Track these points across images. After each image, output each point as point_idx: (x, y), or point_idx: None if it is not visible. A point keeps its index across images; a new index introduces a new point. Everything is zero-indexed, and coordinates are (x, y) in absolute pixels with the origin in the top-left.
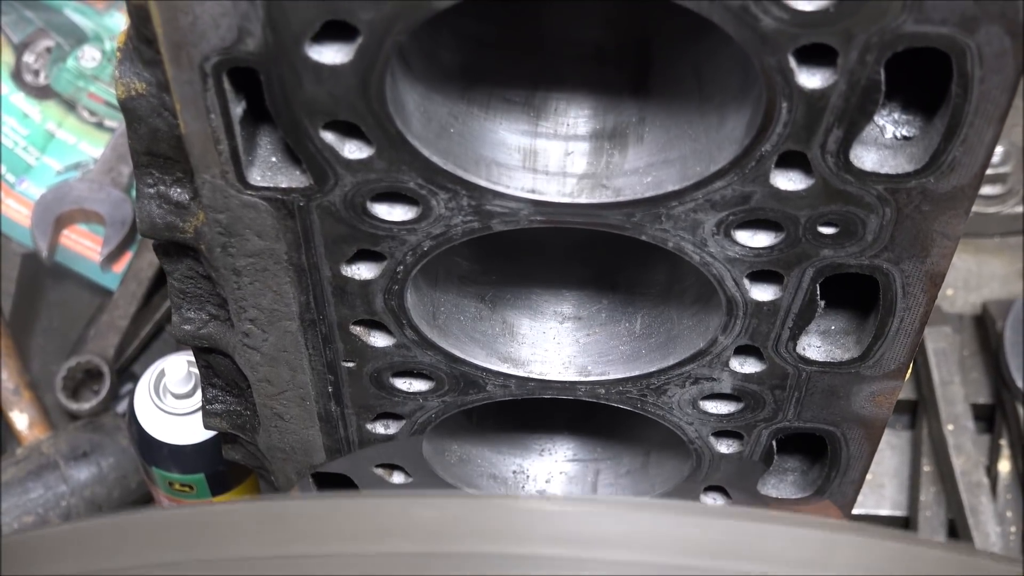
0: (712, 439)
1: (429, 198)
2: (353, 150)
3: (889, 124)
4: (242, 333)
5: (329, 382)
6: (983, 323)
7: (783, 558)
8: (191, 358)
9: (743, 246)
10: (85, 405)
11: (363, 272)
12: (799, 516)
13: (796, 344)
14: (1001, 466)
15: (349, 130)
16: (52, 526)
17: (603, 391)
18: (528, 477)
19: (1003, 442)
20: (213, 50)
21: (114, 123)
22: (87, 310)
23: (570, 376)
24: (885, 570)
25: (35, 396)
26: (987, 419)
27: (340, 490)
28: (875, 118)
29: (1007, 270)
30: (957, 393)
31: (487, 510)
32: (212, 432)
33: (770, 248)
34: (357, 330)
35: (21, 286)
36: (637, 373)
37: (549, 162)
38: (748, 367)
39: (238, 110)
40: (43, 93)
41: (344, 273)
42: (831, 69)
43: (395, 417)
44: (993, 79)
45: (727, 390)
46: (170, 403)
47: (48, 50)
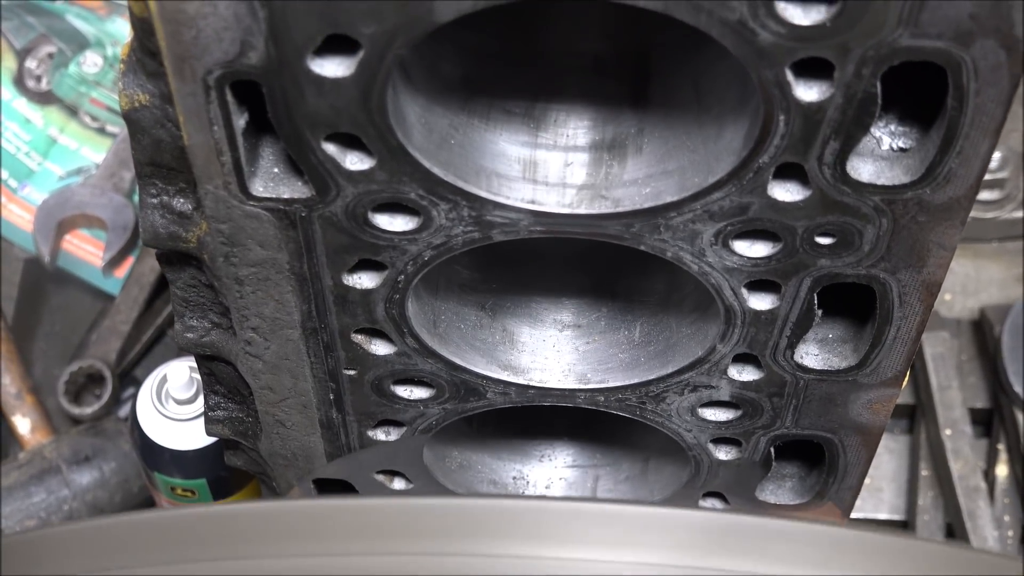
0: (711, 446)
1: (430, 209)
2: (355, 161)
3: (885, 136)
4: (244, 341)
5: (331, 389)
6: (981, 328)
7: (783, 558)
8: (193, 364)
9: (741, 256)
10: (87, 409)
11: (364, 281)
12: (798, 516)
13: (794, 352)
14: (999, 470)
15: (351, 142)
16: (52, 526)
17: (602, 398)
18: (528, 483)
19: (1001, 447)
20: (216, 63)
21: (116, 128)
22: (89, 315)
23: (569, 384)
24: (885, 569)
25: (37, 400)
26: (985, 424)
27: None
28: (871, 130)
29: (1005, 275)
30: (955, 398)
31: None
32: (214, 438)
33: (768, 258)
34: (358, 338)
35: (23, 291)
36: (636, 381)
37: (549, 173)
38: (746, 375)
39: (241, 122)
40: (45, 98)
41: (346, 282)
42: (828, 82)
43: (396, 424)
44: (988, 92)
45: (725, 398)
46: (172, 408)
47: (50, 56)
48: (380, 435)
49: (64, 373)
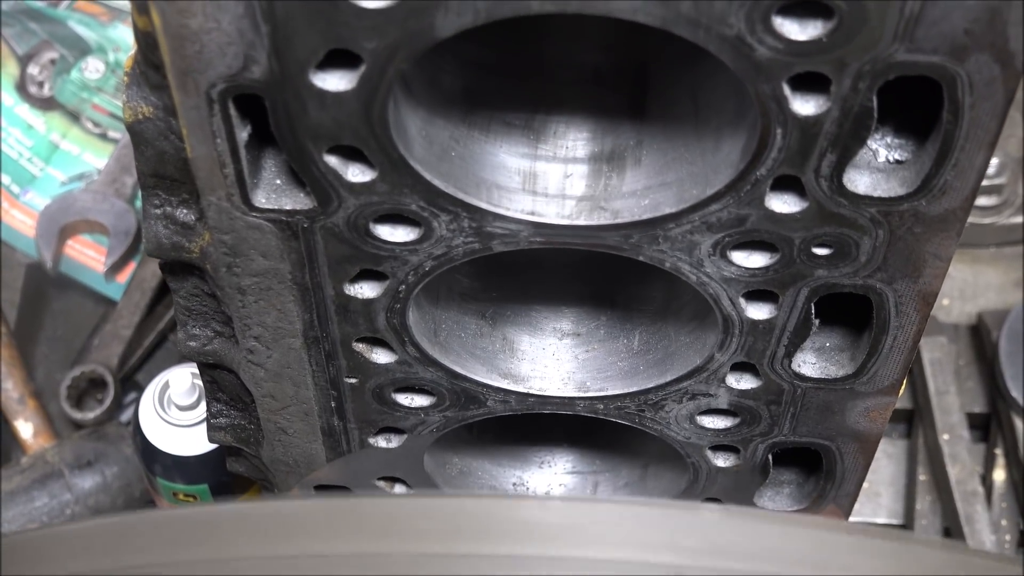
0: (709, 453)
1: (431, 220)
2: (356, 173)
3: (882, 148)
4: (247, 350)
5: (332, 397)
6: (979, 333)
7: (783, 558)
8: (195, 370)
9: (739, 266)
10: (89, 414)
11: (366, 291)
12: (798, 517)
13: (791, 361)
14: (996, 475)
15: (352, 154)
16: (52, 526)
17: (601, 406)
18: (528, 489)
19: (998, 451)
20: (219, 77)
21: (118, 134)
22: (91, 320)
23: (569, 392)
24: (886, 569)
25: (39, 405)
26: (982, 428)
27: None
28: (868, 142)
29: (1003, 280)
30: (953, 403)
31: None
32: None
33: (765, 268)
34: (360, 347)
35: (26, 296)
36: (635, 389)
37: (548, 184)
38: (744, 383)
39: (243, 135)
40: (47, 104)
41: (347, 292)
42: (824, 96)
43: (397, 431)
44: (983, 106)
45: (724, 405)
46: (174, 415)
47: (52, 62)
48: (381, 442)
49: (66, 378)
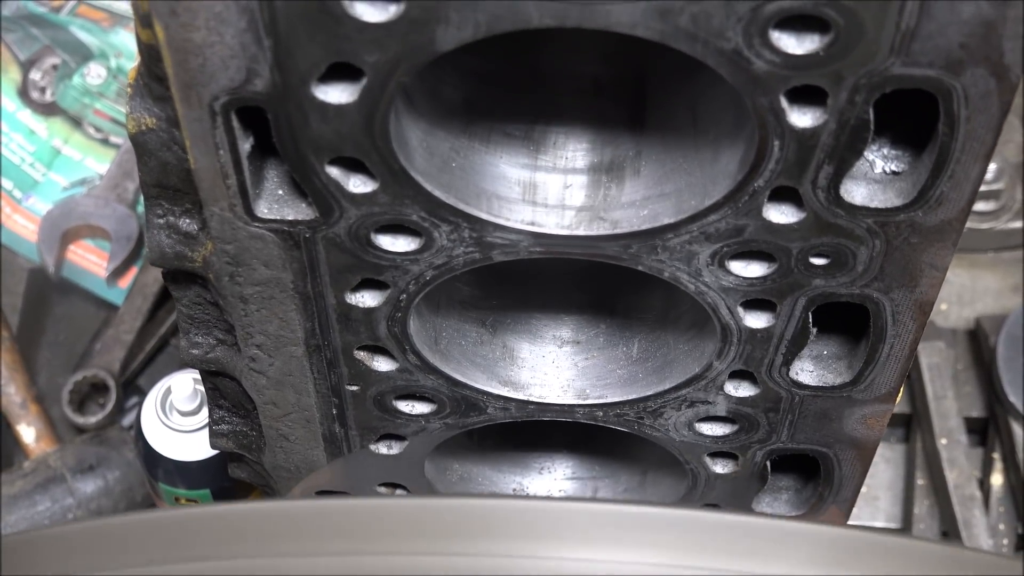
0: (707, 459)
1: (431, 230)
2: (358, 184)
3: (878, 159)
4: (249, 358)
5: (333, 404)
6: (976, 338)
7: (783, 558)
8: (197, 376)
9: (737, 276)
10: (91, 419)
11: (367, 300)
12: (796, 517)
13: (789, 369)
14: (994, 479)
15: (354, 165)
16: (52, 526)
17: (601, 413)
18: (528, 494)
19: (996, 456)
20: (222, 90)
21: (119, 139)
22: (93, 324)
23: (568, 399)
24: (886, 569)
25: (42, 409)
26: (980, 433)
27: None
28: (865, 154)
29: (1001, 285)
30: (950, 407)
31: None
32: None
33: (763, 278)
34: (361, 355)
35: (28, 301)
36: (634, 396)
37: (548, 195)
38: (742, 391)
39: (246, 146)
40: (49, 110)
41: (348, 301)
42: (821, 109)
43: (398, 438)
44: (979, 119)
45: (722, 413)
46: (176, 420)
47: (54, 67)
48: (382, 449)
49: (68, 382)
